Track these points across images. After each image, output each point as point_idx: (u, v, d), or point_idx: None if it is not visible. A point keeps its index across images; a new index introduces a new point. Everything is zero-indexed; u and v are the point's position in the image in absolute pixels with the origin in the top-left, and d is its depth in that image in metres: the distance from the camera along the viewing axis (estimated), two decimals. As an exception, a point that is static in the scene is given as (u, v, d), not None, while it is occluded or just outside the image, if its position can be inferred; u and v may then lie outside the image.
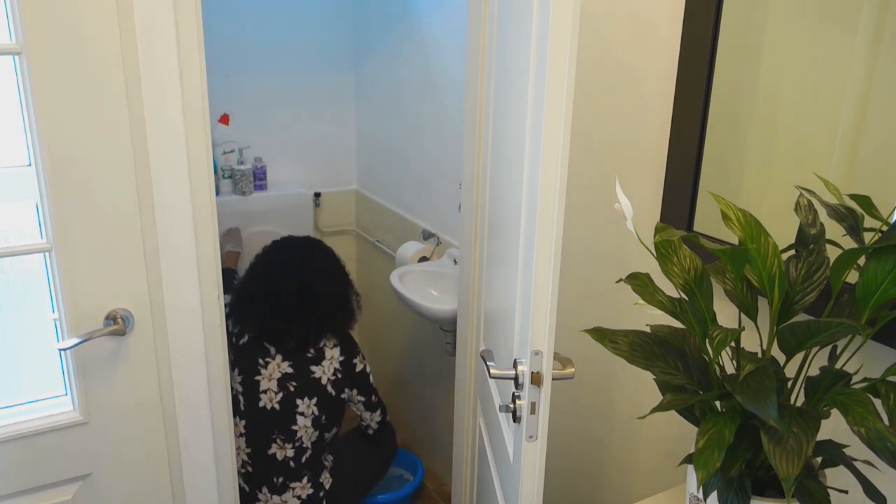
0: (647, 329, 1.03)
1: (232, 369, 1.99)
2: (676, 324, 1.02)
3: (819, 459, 0.96)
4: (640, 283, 1.00)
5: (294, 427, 1.98)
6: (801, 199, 0.96)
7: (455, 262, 2.32)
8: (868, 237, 0.90)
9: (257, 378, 1.98)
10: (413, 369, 2.80)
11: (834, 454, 0.92)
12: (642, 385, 1.47)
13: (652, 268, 1.31)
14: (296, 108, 2.88)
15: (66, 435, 1.36)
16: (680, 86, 1.26)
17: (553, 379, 1.02)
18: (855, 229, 0.90)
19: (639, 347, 0.98)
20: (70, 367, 1.34)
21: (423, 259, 2.46)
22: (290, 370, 1.99)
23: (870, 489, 0.89)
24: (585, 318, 1.60)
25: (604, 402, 1.60)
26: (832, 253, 0.91)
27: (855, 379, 0.91)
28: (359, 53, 2.89)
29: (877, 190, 0.95)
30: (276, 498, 1.98)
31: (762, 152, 1.15)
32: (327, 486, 2.05)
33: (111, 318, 1.33)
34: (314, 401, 2.00)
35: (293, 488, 2.00)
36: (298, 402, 1.99)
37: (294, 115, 2.88)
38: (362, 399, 2.15)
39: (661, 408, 0.91)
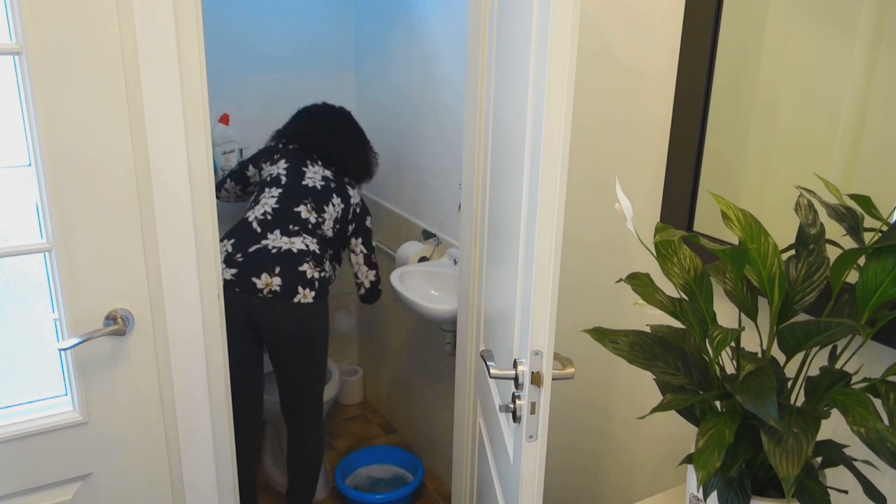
0: (647, 329, 1.03)
1: (276, 161, 2.33)
2: (676, 324, 1.02)
3: (819, 459, 0.96)
4: (640, 283, 1.00)
5: (325, 206, 2.24)
6: (801, 199, 0.96)
7: (455, 262, 2.32)
8: (868, 237, 0.90)
9: (304, 169, 2.29)
10: (413, 369, 2.80)
11: (834, 454, 0.92)
12: (642, 385, 1.48)
13: (652, 268, 1.31)
14: (296, 108, 2.87)
15: (66, 435, 1.36)
16: (680, 86, 1.26)
17: (553, 379, 1.02)
18: (855, 229, 0.90)
19: (639, 347, 0.98)
20: (70, 367, 1.34)
21: (423, 259, 2.46)
22: (331, 176, 2.32)
23: (870, 489, 0.89)
24: (585, 318, 1.60)
25: (604, 402, 1.60)
26: (832, 253, 0.91)
27: (855, 379, 0.91)
28: (359, 53, 2.89)
29: (877, 190, 0.95)
30: (284, 238, 2.12)
31: (762, 152, 1.15)
32: (322, 276, 2.15)
33: (111, 318, 1.33)
34: (342, 206, 2.30)
35: (304, 237, 2.15)
36: (334, 195, 2.28)
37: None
38: (365, 252, 2.42)
39: (661, 408, 0.91)
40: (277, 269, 2.05)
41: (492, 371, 1.14)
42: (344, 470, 2.61)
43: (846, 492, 0.99)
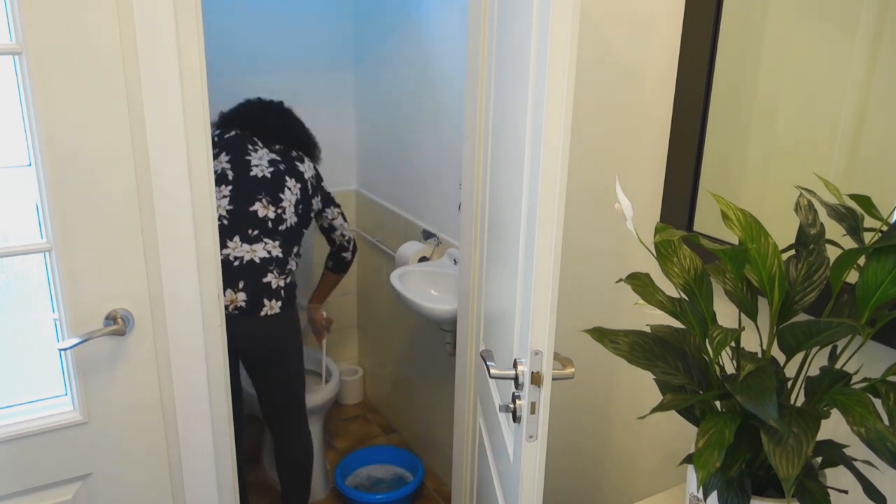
0: (647, 329, 1.03)
1: (216, 156, 2.17)
2: (676, 324, 1.02)
3: (819, 459, 0.96)
4: (640, 283, 1.00)
5: (281, 195, 2.13)
6: (801, 199, 0.96)
7: (455, 262, 2.32)
8: (868, 237, 0.90)
9: (248, 157, 2.16)
10: (413, 369, 2.80)
11: (834, 454, 0.92)
12: (642, 385, 1.48)
13: (652, 268, 1.31)
14: (296, 109, 2.87)
15: (66, 435, 1.36)
16: (680, 86, 1.26)
17: (553, 379, 1.02)
18: (855, 229, 0.90)
19: (639, 347, 0.98)
20: (70, 367, 1.34)
21: (423, 259, 2.46)
22: (277, 157, 2.20)
23: (870, 489, 0.89)
24: (585, 318, 1.60)
25: (604, 402, 1.60)
26: (832, 253, 0.91)
27: (855, 379, 0.91)
28: (359, 54, 2.89)
29: (877, 190, 0.95)
30: (245, 246, 2.04)
31: (762, 152, 1.15)
32: (288, 283, 2.09)
33: (111, 318, 1.33)
34: (298, 186, 2.19)
35: (265, 243, 2.06)
36: (287, 178, 2.17)
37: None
38: (339, 210, 2.40)
39: (661, 408, 0.91)
40: (241, 284, 2.00)
41: (492, 371, 1.14)
42: (344, 470, 2.61)
43: (846, 492, 0.99)
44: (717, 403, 0.99)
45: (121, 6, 1.20)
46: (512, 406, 1.08)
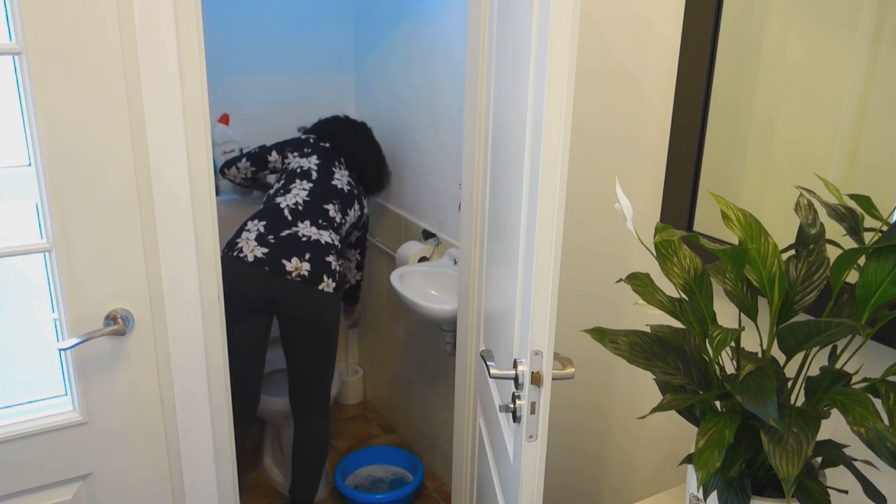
0: (647, 329, 1.03)
1: (307, 156, 2.41)
2: (676, 324, 1.02)
3: (819, 459, 0.96)
4: (640, 283, 1.00)
5: (349, 210, 2.36)
6: (801, 199, 0.96)
7: (455, 262, 2.32)
8: (868, 237, 0.90)
9: (333, 169, 2.40)
10: (413, 369, 2.80)
11: (834, 454, 0.92)
12: (642, 385, 1.48)
13: (652, 268, 1.31)
14: (296, 108, 2.88)
15: (66, 435, 1.36)
16: (680, 86, 1.26)
17: (553, 379, 1.02)
18: (855, 229, 0.90)
19: (639, 347, 0.98)
20: (70, 367, 1.34)
21: (423, 259, 2.46)
22: (353, 184, 2.45)
23: (870, 489, 0.89)
24: (585, 318, 1.60)
25: (604, 402, 1.60)
26: (832, 253, 0.91)
27: (855, 379, 0.91)
28: (359, 53, 2.89)
29: (877, 190, 0.95)
30: (313, 229, 2.20)
31: (762, 152, 1.15)
32: (341, 271, 2.23)
33: (111, 318, 1.33)
34: (358, 214, 2.42)
35: (331, 233, 2.24)
36: (356, 202, 2.41)
37: (294, 115, 2.88)
38: (359, 259, 2.69)
39: (661, 408, 0.91)
40: (308, 256, 2.13)
41: (492, 371, 1.14)
42: (344, 470, 2.61)
43: (846, 492, 0.99)
44: (717, 403, 0.99)
45: (121, 6, 1.20)
46: (512, 406, 1.08)
